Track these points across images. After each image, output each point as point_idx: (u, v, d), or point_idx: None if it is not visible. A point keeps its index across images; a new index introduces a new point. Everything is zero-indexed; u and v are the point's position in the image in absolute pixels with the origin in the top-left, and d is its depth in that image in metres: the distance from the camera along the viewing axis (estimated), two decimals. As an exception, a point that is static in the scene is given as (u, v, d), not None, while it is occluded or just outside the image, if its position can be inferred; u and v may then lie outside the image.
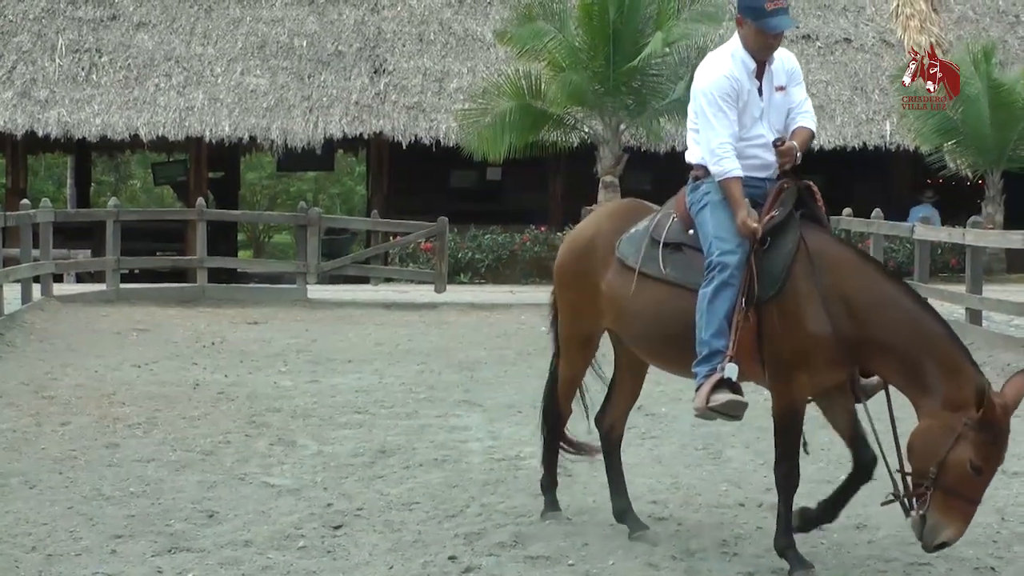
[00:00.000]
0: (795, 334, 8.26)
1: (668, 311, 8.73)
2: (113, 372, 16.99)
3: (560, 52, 30.29)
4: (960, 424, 7.70)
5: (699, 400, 8.44)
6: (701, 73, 8.95)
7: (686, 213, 8.87)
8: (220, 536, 9.25)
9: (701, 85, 8.86)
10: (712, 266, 8.43)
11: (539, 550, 8.96)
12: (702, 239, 8.63)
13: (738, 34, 8.97)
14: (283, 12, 37.15)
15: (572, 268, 9.56)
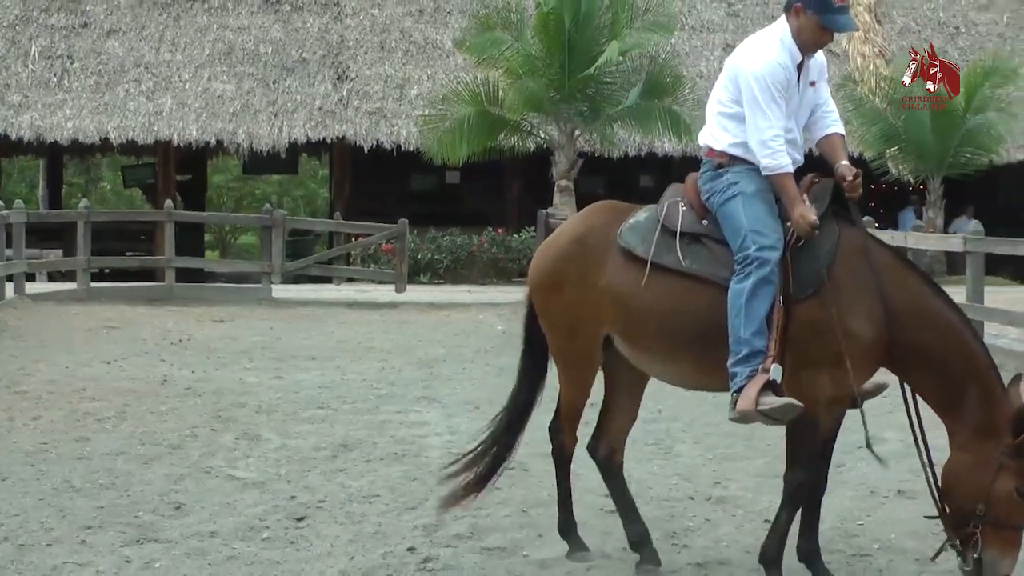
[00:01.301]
0: (833, 338, 7.61)
1: (687, 305, 7.98)
2: (83, 368, 16.94)
3: (517, 60, 30.34)
4: (997, 453, 7.33)
5: (745, 403, 7.64)
6: (750, 56, 8.15)
7: (699, 202, 8.16)
8: (187, 527, 9.24)
9: (753, 69, 8.04)
10: (749, 261, 7.72)
11: (495, 541, 8.97)
12: (731, 231, 7.91)
13: (790, 23, 8.13)
14: (249, 20, 37.12)
15: (562, 271, 8.35)
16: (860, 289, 7.78)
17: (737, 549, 8.85)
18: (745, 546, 8.88)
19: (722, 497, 10.27)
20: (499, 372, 17.09)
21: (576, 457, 8.66)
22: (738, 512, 9.86)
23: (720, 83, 8.36)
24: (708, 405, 11.56)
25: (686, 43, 36.47)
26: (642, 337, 8.19)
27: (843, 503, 9.65)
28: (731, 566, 8.52)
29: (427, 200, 36.44)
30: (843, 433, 11.22)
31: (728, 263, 7.87)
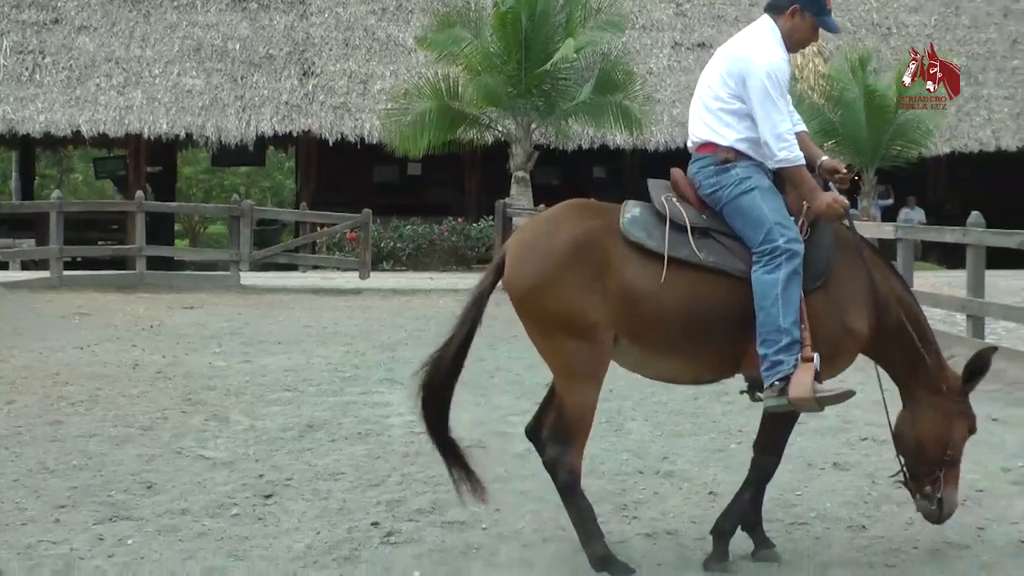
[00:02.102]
0: (835, 325, 7.78)
1: (704, 298, 7.71)
2: (57, 354, 16.88)
3: (476, 57, 30.33)
4: (952, 403, 8.01)
5: (802, 390, 7.55)
6: (757, 53, 7.94)
7: (696, 196, 7.94)
8: (158, 505, 9.23)
9: (764, 66, 7.88)
10: (779, 252, 7.59)
11: (455, 515, 8.98)
12: (752, 224, 7.73)
13: (780, 24, 8.10)
14: (217, 17, 37.02)
15: (564, 276, 7.61)
16: (856, 281, 7.92)
17: (684, 520, 8.91)
18: (691, 517, 8.96)
19: (670, 471, 10.33)
20: (458, 355, 17.14)
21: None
22: (685, 485, 9.91)
23: (717, 80, 8.06)
24: (657, 385, 11.58)
25: (636, 41, 36.54)
26: (653, 333, 7.79)
27: (782, 475, 9.68)
28: (678, 536, 8.57)
29: (390, 191, 36.42)
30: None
31: (742, 255, 7.77)
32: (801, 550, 8.32)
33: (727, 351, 7.86)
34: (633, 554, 8.04)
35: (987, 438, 11.86)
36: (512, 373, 15.31)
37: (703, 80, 8.18)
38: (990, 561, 8.08)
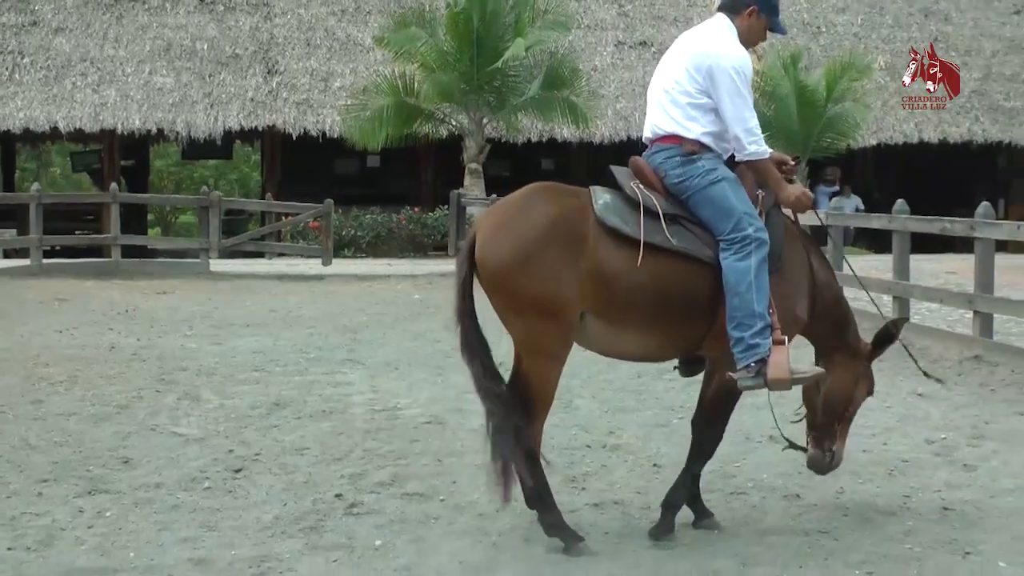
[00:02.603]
0: (786, 310, 7.82)
1: (675, 282, 7.66)
2: (37, 337, 16.81)
3: (431, 55, 30.32)
4: (860, 368, 8.40)
5: (779, 371, 7.62)
6: (724, 48, 7.93)
7: (661, 185, 7.83)
8: (134, 479, 9.23)
9: (733, 62, 7.86)
10: (749, 240, 7.59)
11: (414, 488, 9.03)
12: (720, 213, 7.69)
13: (737, 23, 8.10)
14: (186, 19, 36.86)
15: (539, 255, 7.45)
16: (801, 268, 8.08)
17: (629, 491, 8.97)
18: (636, 488, 9.00)
19: (616, 445, 10.37)
20: (416, 337, 17.19)
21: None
22: (630, 458, 9.96)
23: (684, 75, 7.92)
24: (603, 364, 11.62)
25: (581, 40, 36.49)
26: (626, 313, 7.72)
27: (722, 448, 9.72)
28: (624, 505, 8.64)
29: (350, 182, 36.29)
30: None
31: (708, 241, 7.74)
32: (740, 518, 8.38)
33: (689, 331, 7.87)
34: (582, 522, 8.06)
35: (913, 412, 11.98)
36: (467, 353, 15.30)
37: (666, 75, 8.07)
38: (915, 527, 8.14)
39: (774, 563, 7.35)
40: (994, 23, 40.72)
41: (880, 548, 7.67)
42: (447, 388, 12.95)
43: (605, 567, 7.28)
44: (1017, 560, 7.48)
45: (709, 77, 7.81)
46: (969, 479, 9.46)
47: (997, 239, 15.49)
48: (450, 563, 7.34)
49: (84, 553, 7.51)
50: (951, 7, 40.96)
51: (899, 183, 36.28)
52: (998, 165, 39.96)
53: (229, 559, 7.39)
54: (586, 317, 7.70)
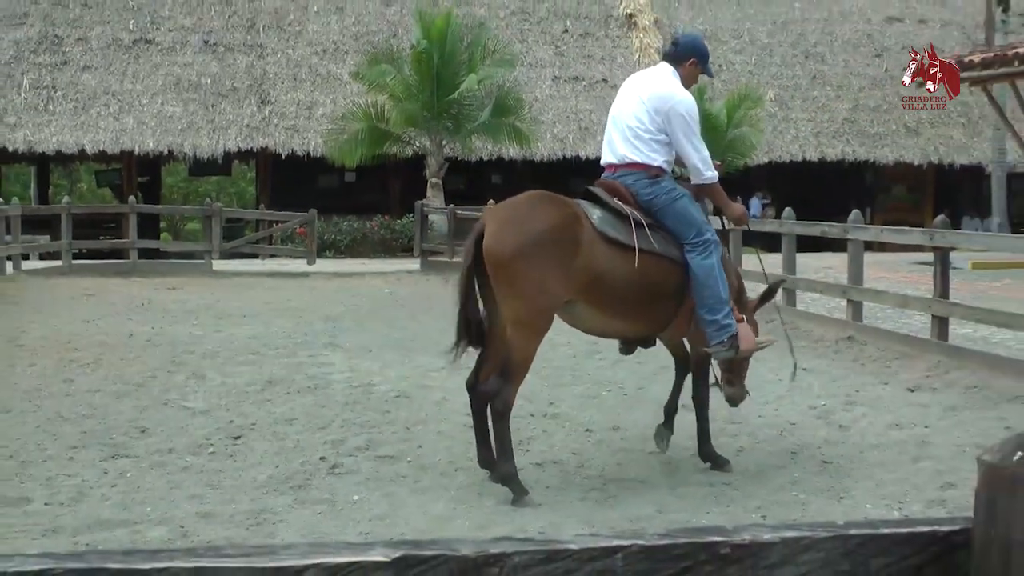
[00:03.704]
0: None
1: (657, 277, 8.05)
2: (68, 326, 16.70)
3: (398, 88, 30.28)
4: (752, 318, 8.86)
5: (749, 343, 8.38)
6: (678, 93, 8.29)
7: (635, 201, 8.14)
8: (150, 446, 9.19)
9: (688, 106, 8.29)
10: (709, 243, 8.17)
11: (386, 451, 9.04)
12: (685, 223, 8.16)
13: (681, 71, 8.45)
14: (192, 58, 36.69)
15: (541, 250, 7.61)
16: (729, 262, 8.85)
17: (566, 452, 9.00)
18: (572, 450, 9.03)
19: (555, 414, 10.37)
20: (387, 324, 17.16)
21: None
22: (566, 425, 9.97)
23: (646, 116, 8.22)
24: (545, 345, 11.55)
25: (524, 75, 36.47)
26: (618, 302, 8.04)
27: (645, 418, 9.77)
28: (561, 464, 8.68)
29: (330, 194, 36.14)
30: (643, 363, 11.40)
31: (675, 245, 8.18)
32: (657, 474, 8.41)
33: (662, 315, 8.34)
34: (527, 478, 8.07)
35: (799, 383, 11.99)
36: (429, 338, 15.25)
37: (628, 112, 8.32)
38: (800, 478, 8.24)
39: (685, 510, 7.39)
40: (861, 64, 41.05)
41: (772, 496, 7.74)
42: (414, 367, 12.95)
43: (546, 516, 7.30)
44: (880, 503, 7.59)
45: (667, 119, 8.20)
46: (843, 438, 9.56)
47: (865, 240, 15.66)
48: (416, 514, 7.34)
49: (108, 508, 7.48)
50: (826, 50, 41.25)
51: (787, 195, 36.56)
52: (866, 180, 40.29)
53: (230, 512, 7.37)
54: (577, 304, 8.02)
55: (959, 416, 10.30)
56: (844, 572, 1.54)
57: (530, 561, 1.45)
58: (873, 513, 7.32)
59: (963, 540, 1.55)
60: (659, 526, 7.00)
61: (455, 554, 1.44)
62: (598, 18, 40.22)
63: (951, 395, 11.23)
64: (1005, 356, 12.36)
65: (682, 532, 1.50)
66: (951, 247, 13.73)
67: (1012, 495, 1.47)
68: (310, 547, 1.42)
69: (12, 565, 1.34)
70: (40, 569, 1.34)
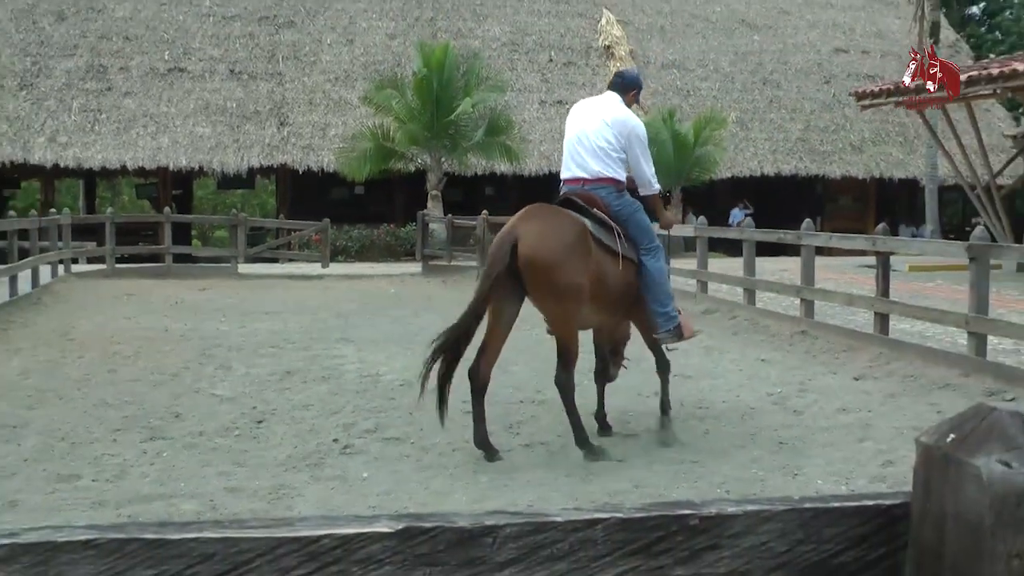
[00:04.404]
0: None
1: (628, 276, 8.42)
2: (111, 322, 16.69)
3: (402, 111, 30.27)
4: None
5: (688, 332, 8.81)
6: (633, 119, 8.61)
7: (610, 212, 8.38)
8: (183, 429, 9.18)
9: (641, 129, 8.67)
10: (658, 248, 8.66)
11: (392, 433, 9.04)
12: (643, 231, 8.55)
13: (626, 100, 8.78)
14: (220, 85, 36.67)
15: (571, 257, 7.98)
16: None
17: (552, 435, 8.97)
18: (557, 432, 9.00)
19: (542, 400, 10.35)
20: (392, 320, 17.15)
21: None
22: (553, 410, 9.90)
23: (612, 137, 8.43)
24: (532, 340, 11.59)
25: (514, 99, 36.49)
26: (607, 299, 8.38)
27: (618, 402, 9.77)
28: (548, 445, 8.67)
29: (342, 205, 36.12)
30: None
31: (635, 249, 8.51)
32: (632, 453, 8.41)
33: (624, 308, 8.70)
34: (517, 459, 8.12)
35: (758, 372, 12.05)
36: (431, 332, 15.19)
37: (596, 133, 8.48)
38: (759, 456, 8.23)
39: (659, 485, 7.38)
40: (812, 89, 41.14)
41: (735, 472, 7.73)
42: (416, 358, 12.80)
43: (534, 491, 7.30)
44: (830, 479, 7.59)
45: (628, 140, 8.51)
46: (797, 421, 9.56)
47: (816, 246, 15.65)
48: (419, 489, 7.34)
49: (147, 484, 7.47)
50: (781, 77, 41.32)
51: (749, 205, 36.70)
52: (816, 191, 40.37)
53: (254, 487, 7.36)
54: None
55: (898, 402, 10.33)
56: (799, 540, 1.55)
57: (520, 532, 1.45)
58: (824, 488, 7.32)
59: (903, 513, 1.56)
60: (635, 500, 7.01)
61: (453, 525, 1.44)
62: (580, 49, 40.25)
63: (891, 383, 11.26)
64: (938, 348, 12.38)
65: (656, 506, 1.50)
66: (891, 252, 13.77)
67: (944, 473, 1.48)
68: (323, 519, 1.42)
69: (63, 535, 1.35)
70: (86, 539, 1.34)
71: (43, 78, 35.74)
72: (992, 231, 23.84)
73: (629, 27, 41.33)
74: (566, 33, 40.63)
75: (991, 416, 1.46)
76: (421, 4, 40.38)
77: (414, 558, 1.41)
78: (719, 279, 18.15)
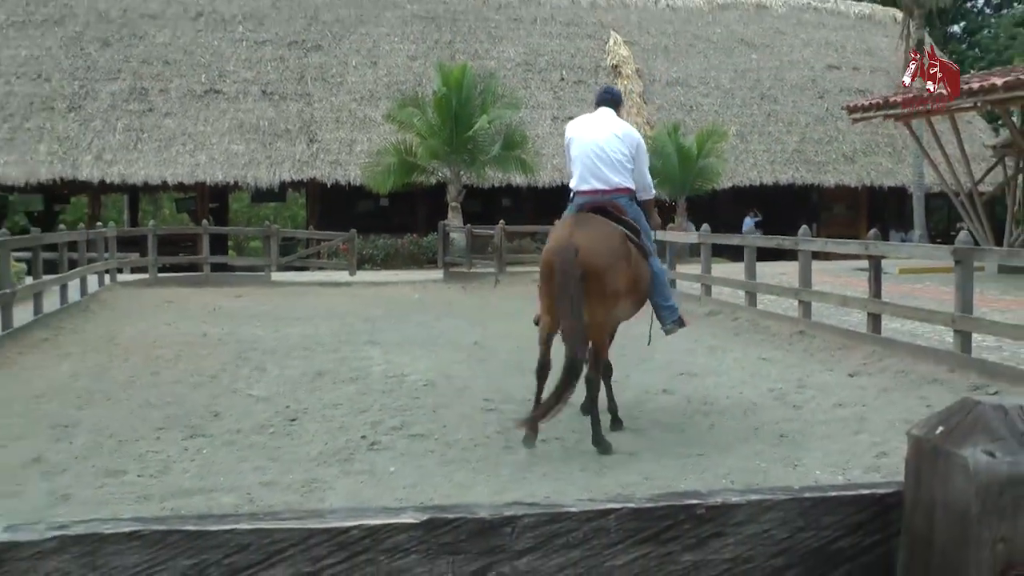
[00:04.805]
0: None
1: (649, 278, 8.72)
2: (154, 328, 16.74)
3: (423, 127, 30.28)
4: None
5: (688, 321, 9.46)
6: (635, 133, 8.87)
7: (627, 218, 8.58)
8: (222, 427, 9.20)
9: (641, 141, 8.89)
10: (656, 249, 9.07)
11: (417, 430, 9.02)
12: (647, 235, 8.82)
13: (619, 114, 9.01)
14: (253, 105, 36.75)
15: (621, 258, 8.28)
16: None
17: (567, 430, 8.94)
18: (571, 428, 8.98)
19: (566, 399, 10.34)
20: (416, 324, 17.17)
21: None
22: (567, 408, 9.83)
23: (625, 150, 8.61)
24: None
25: (528, 116, 36.48)
26: (638, 298, 8.69)
27: (631, 399, 9.75)
28: (563, 440, 8.65)
29: (368, 216, 36.17)
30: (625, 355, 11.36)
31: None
32: (643, 448, 8.40)
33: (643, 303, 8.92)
34: (534, 453, 8.11)
35: (759, 370, 12.02)
36: (450, 337, 15.31)
37: (612, 148, 8.59)
38: (761, 449, 8.21)
39: (667, 477, 7.37)
40: (807, 104, 41.04)
41: (738, 464, 7.72)
42: (439, 360, 12.94)
43: (551, 484, 7.30)
44: (827, 469, 7.56)
45: (636, 152, 8.71)
46: (797, 416, 9.53)
47: (813, 250, 15.62)
48: (443, 482, 7.34)
49: (188, 478, 7.50)
50: (778, 93, 41.23)
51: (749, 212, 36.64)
52: (811, 200, 40.27)
53: (288, 481, 7.37)
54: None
55: (890, 396, 10.29)
56: (800, 528, 1.55)
57: (537, 522, 1.45)
58: (822, 478, 7.31)
59: (896, 501, 1.56)
60: (645, 491, 7.00)
61: (474, 516, 1.44)
62: (589, 68, 40.22)
63: (884, 379, 11.22)
64: (926, 346, 12.33)
65: (664, 496, 1.50)
66: (882, 255, 13.74)
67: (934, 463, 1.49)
68: (352, 511, 1.42)
69: (109, 527, 1.35)
70: (131, 531, 1.35)
71: (90, 100, 35.89)
72: (975, 235, 23.80)
73: (635, 47, 41.30)
74: (576, 54, 40.61)
75: (976, 409, 1.47)
76: (440, 27, 40.42)
77: (438, 547, 1.41)
78: (722, 282, 18.13)
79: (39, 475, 7.58)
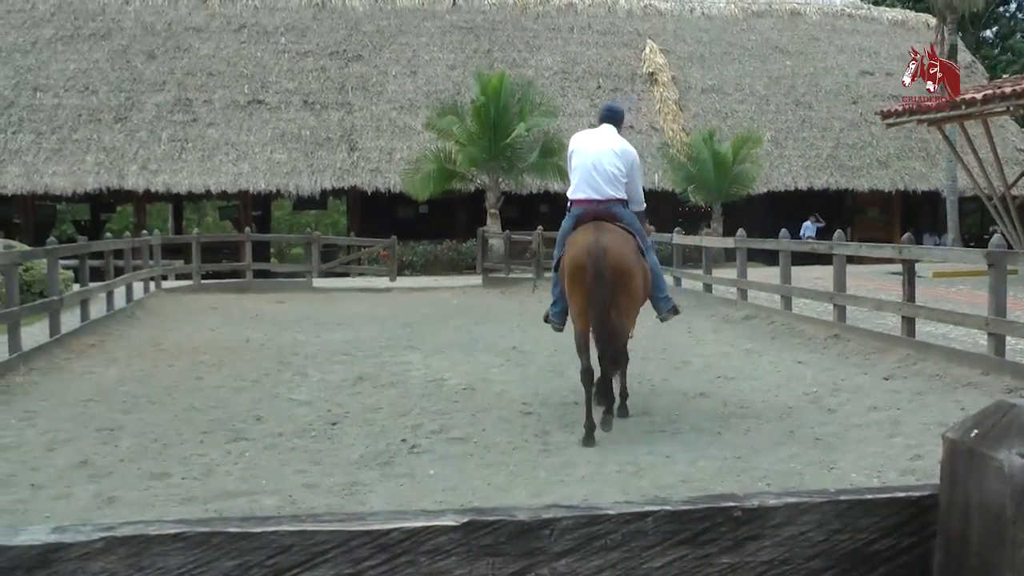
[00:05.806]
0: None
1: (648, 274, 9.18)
2: (198, 333, 16.85)
3: (462, 135, 30.33)
4: None
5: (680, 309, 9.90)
6: (632, 149, 9.27)
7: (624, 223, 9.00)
8: (264, 431, 9.25)
9: (638, 158, 9.39)
10: (650, 247, 9.39)
11: (456, 434, 9.03)
12: (642, 235, 9.21)
13: (618, 130, 9.38)
14: (295, 115, 36.95)
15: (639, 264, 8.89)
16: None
17: (603, 434, 8.90)
18: (607, 431, 8.96)
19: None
20: (455, 329, 17.20)
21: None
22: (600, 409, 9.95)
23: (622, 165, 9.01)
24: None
25: (565, 123, 36.39)
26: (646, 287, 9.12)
27: (669, 403, 9.71)
28: (601, 443, 8.58)
29: (407, 223, 36.29)
30: (667, 359, 11.32)
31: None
32: (680, 451, 8.36)
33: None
34: (573, 455, 8.09)
35: (794, 373, 11.95)
36: (489, 342, 15.32)
37: (609, 163, 9.03)
38: (797, 452, 8.17)
39: (704, 479, 7.33)
40: (841, 109, 40.76)
41: (775, 467, 7.68)
42: (476, 365, 12.95)
43: (588, 486, 7.28)
44: (863, 472, 7.51)
45: (631, 167, 9.15)
46: (832, 419, 9.47)
47: (847, 255, 15.53)
48: (482, 485, 7.34)
49: (232, 481, 7.53)
50: (812, 99, 40.98)
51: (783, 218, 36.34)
52: (846, 205, 40.00)
53: (330, 484, 7.39)
54: None
55: (924, 399, 10.21)
56: (836, 530, 1.54)
57: (575, 524, 1.45)
58: (858, 481, 7.25)
59: (932, 503, 1.54)
60: (683, 493, 6.97)
61: (513, 519, 1.44)
62: (625, 76, 40.16)
63: (918, 382, 11.13)
64: (960, 349, 12.22)
65: (702, 498, 1.50)
66: (916, 259, 13.61)
67: (969, 466, 1.48)
68: (393, 513, 1.42)
69: (154, 528, 1.36)
70: (176, 532, 1.36)
71: (135, 111, 36.22)
72: (1008, 239, 23.54)
73: (671, 55, 41.21)
74: (613, 62, 40.57)
75: (1011, 412, 1.45)
76: (479, 37, 40.50)
77: (478, 549, 1.41)
78: (757, 287, 18.06)
79: (86, 477, 7.65)
